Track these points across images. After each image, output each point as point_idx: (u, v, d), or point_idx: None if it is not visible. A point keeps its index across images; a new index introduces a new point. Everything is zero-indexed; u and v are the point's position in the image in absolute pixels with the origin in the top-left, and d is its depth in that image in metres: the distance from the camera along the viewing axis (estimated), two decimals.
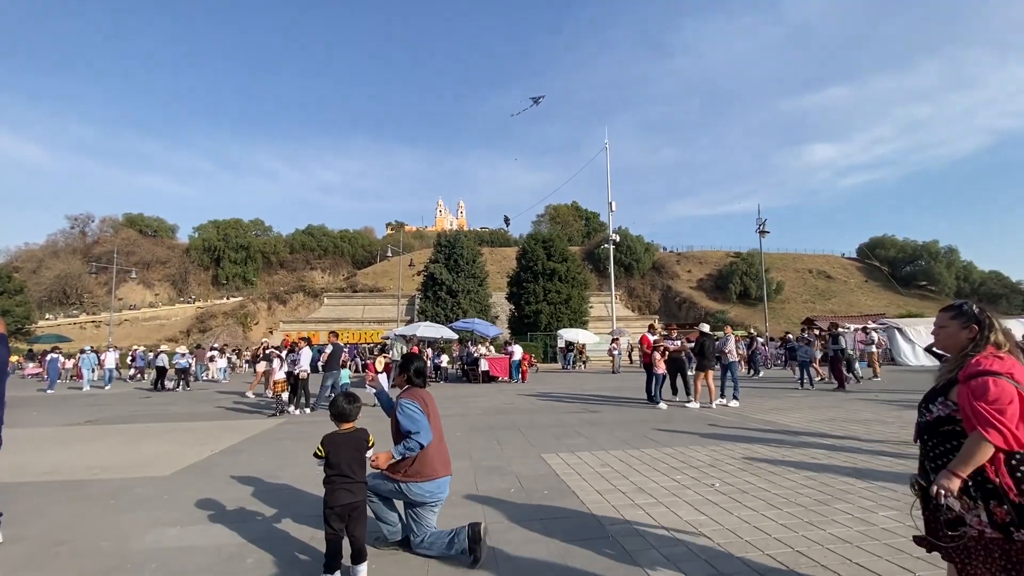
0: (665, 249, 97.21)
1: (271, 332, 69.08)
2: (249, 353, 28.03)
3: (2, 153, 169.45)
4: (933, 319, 2.38)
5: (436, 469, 3.19)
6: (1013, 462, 1.83)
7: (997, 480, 1.83)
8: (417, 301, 44.96)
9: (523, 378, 17.00)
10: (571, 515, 3.82)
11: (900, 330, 22.06)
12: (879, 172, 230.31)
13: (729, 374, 10.00)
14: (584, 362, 25.27)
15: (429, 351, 17.37)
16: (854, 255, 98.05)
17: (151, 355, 20.32)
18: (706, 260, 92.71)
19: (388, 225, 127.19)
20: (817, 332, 15.74)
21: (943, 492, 1.86)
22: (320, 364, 10.63)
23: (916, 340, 20.61)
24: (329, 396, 10.77)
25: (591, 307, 45.38)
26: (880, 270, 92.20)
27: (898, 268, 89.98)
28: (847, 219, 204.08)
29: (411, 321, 61.26)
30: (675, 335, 10.22)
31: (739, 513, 3.78)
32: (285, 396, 10.11)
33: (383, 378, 11.44)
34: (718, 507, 3.93)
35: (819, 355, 14.13)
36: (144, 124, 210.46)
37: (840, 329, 13.07)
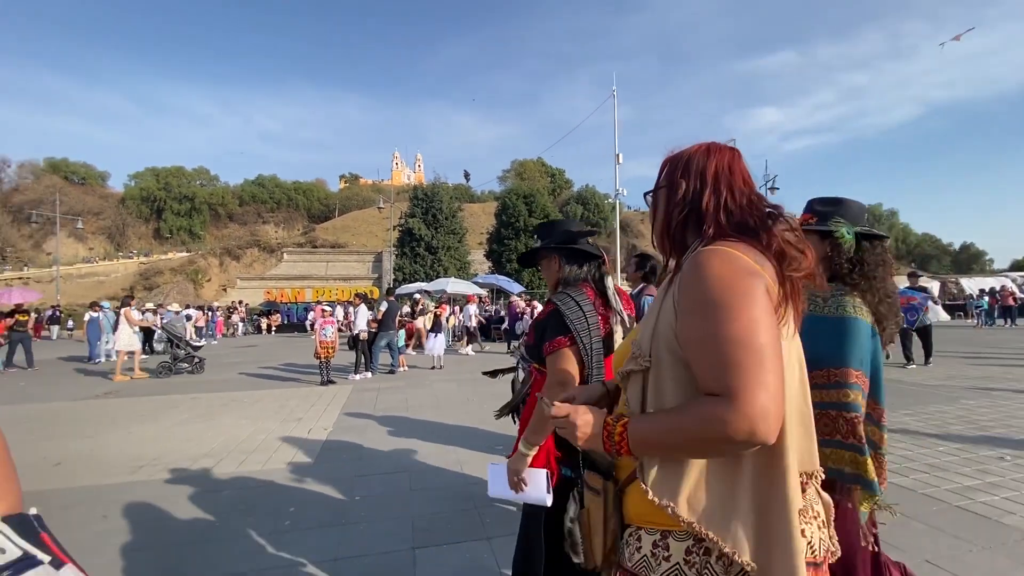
0: (630, 208, 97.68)
1: (225, 290, 64.72)
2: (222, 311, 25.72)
3: None
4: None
5: None
6: None
7: None
8: (393, 257, 42.89)
9: None
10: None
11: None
12: (821, 137, 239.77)
13: None
14: None
15: (458, 308, 16.32)
16: None
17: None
18: None
19: (342, 178, 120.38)
20: None
21: None
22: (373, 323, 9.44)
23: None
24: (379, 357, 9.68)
25: None
26: None
27: None
28: (793, 182, 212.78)
29: (379, 279, 59.17)
30: None
31: None
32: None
33: (435, 338, 10.42)
34: None
35: None
36: (52, 58, 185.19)
37: None
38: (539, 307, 15.20)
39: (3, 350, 11.73)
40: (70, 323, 26.54)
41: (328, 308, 9.34)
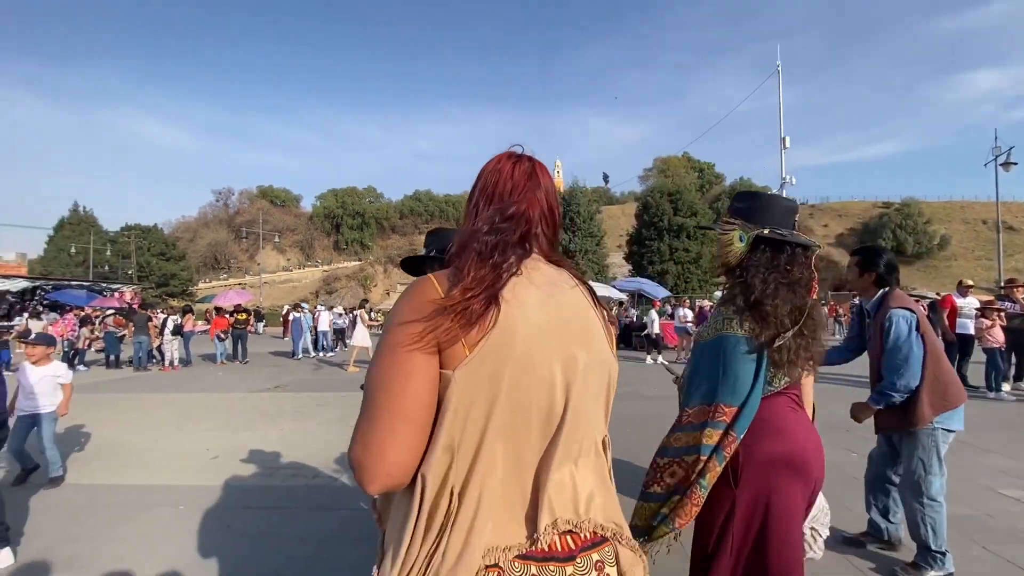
0: (796, 201, 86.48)
1: (388, 294, 72.57)
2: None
3: (156, 140, 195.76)
4: None
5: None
6: None
7: None
8: None
9: None
10: None
11: None
12: None
13: None
14: None
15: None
16: None
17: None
18: (847, 212, 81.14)
19: None
20: None
21: None
22: None
23: None
24: None
25: None
26: None
27: None
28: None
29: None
30: (1022, 296, 7.23)
31: None
32: None
33: None
34: None
35: None
36: (260, 105, 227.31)
37: None
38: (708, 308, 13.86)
39: (226, 344, 13.91)
40: (263, 321, 31.77)
41: None
